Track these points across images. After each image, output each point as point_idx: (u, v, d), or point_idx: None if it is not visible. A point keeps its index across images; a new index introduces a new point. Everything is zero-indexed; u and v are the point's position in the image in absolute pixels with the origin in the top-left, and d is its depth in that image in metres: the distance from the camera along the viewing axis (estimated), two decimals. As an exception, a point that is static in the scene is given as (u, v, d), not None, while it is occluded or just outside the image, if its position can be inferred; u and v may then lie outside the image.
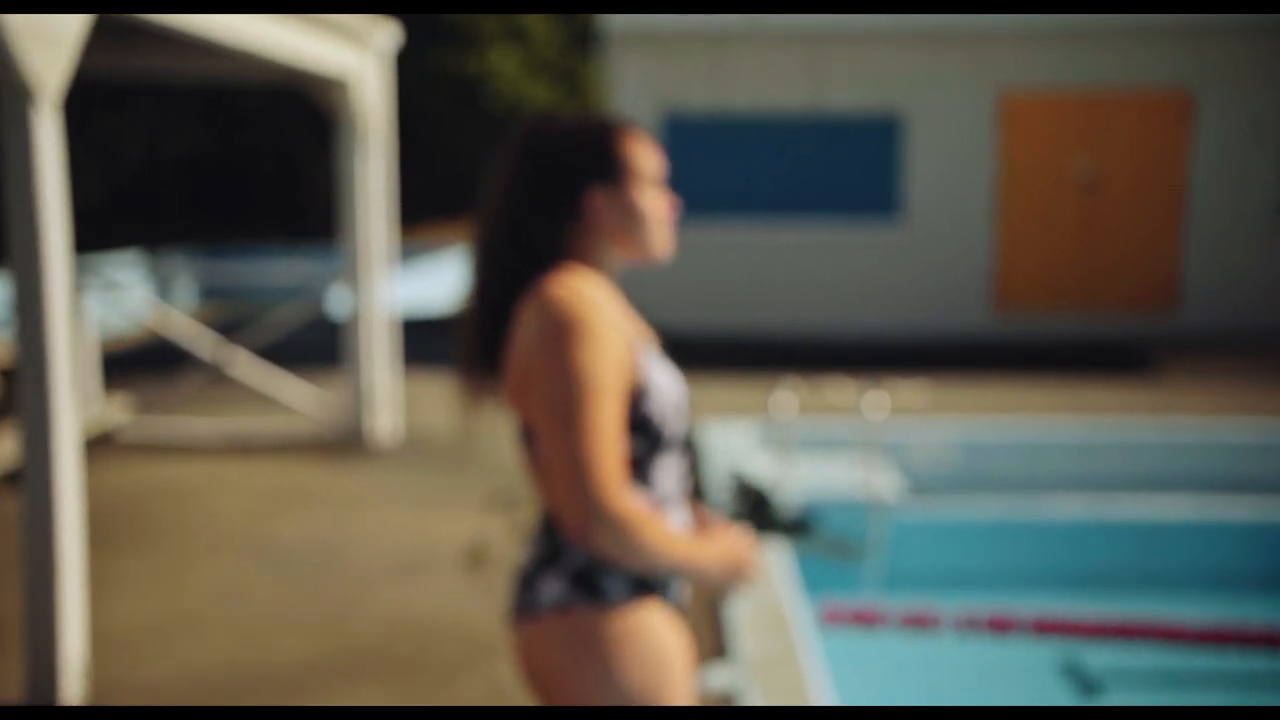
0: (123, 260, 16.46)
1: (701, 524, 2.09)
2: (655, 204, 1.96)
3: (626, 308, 2.06)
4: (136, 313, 9.06)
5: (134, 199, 27.51)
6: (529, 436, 1.92)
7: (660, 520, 1.82)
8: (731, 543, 1.98)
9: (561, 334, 1.80)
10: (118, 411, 7.72)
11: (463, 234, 1.85)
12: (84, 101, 24.78)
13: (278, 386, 7.82)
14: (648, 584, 1.89)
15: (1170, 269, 11.75)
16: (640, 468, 1.89)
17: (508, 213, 1.94)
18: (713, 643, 4.15)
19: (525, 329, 1.85)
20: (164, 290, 16.66)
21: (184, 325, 8.29)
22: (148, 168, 27.89)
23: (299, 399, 7.73)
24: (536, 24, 19.86)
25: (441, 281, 15.11)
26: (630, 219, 1.95)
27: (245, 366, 7.87)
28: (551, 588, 1.87)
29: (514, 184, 1.95)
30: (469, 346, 2.00)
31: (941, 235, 11.82)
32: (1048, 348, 11.32)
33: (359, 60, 7.17)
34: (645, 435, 1.87)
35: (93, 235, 23.06)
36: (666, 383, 1.90)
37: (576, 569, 1.86)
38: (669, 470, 1.93)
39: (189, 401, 8.34)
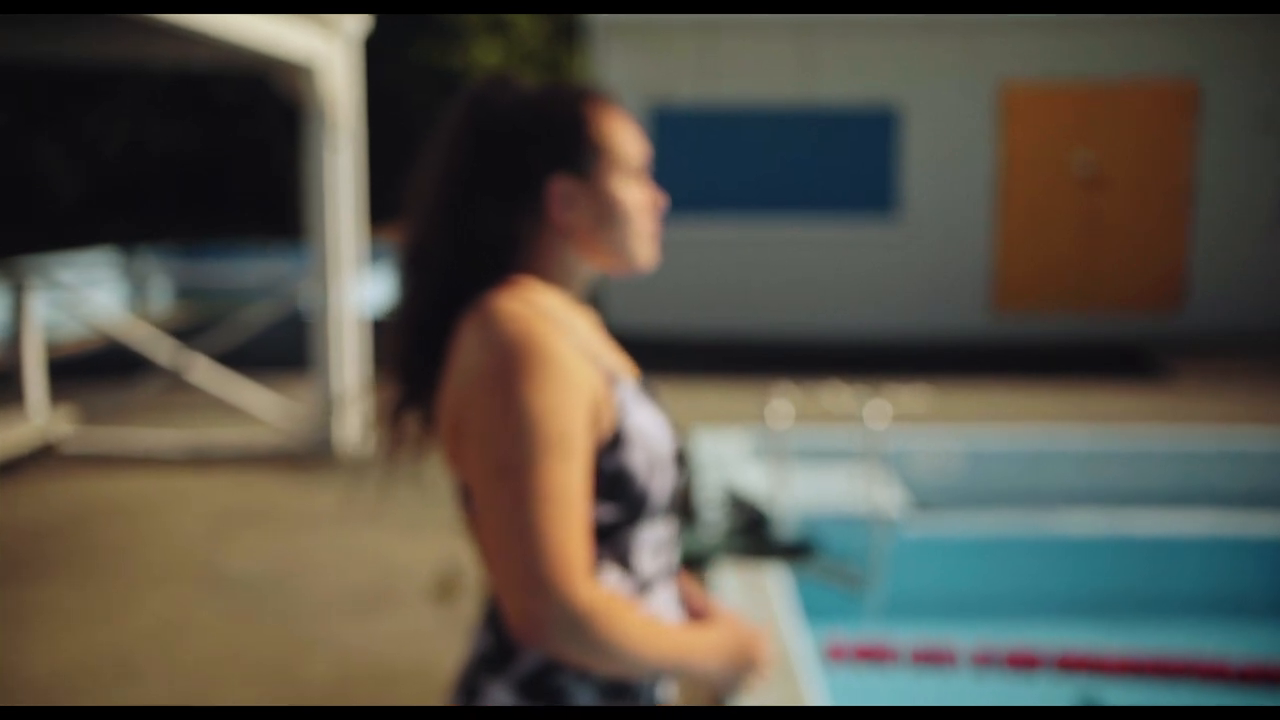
0: (97, 259, 15.97)
1: (695, 607, 1.65)
2: (635, 198, 1.52)
3: (598, 328, 1.62)
4: (89, 315, 8.55)
5: (114, 194, 26.96)
6: (469, 496, 1.48)
7: (637, 610, 1.38)
8: (733, 629, 1.54)
9: (509, 363, 1.35)
10: (63, 421, 7.24)
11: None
12: (63, 96, 24.24)
13: (240, 393, 7.36)
14: (624, 688, 1.45)
15: (1176, 267, 11.35)
16: (613, 542, 1.44)
17: (445, 205, 1.50)
18: (706, 691, 3.71)
19: (463, 355, 1.41)
20: (139, 290, 16.21)
21: (139, 328, 7.82)
22: (129, 163, 27.35)
23: (263, 407, 7.27)
24: (520, 16, 19.41)
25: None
26: (603, 216, 1.50)
27: (205, 372, 7.40)
28: (498, 698, 1.43)
29: (454, 168, 1.50)
30: (393, 376, 1.56)
31: (939, 232, 11.41)
32: (1049, 349, 10.91)
33: (326, 45, 6.72)
34: (621, 499, 1.43)
35: (72, 231, 22.52)
36: (651, 428, 1.46)
37: (529, 673, 1.42)
38: (652, 543, 1.49)
39: (143, 410, 7.85)
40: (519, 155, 1.48)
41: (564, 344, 1.39)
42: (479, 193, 1.48)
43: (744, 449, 6.86)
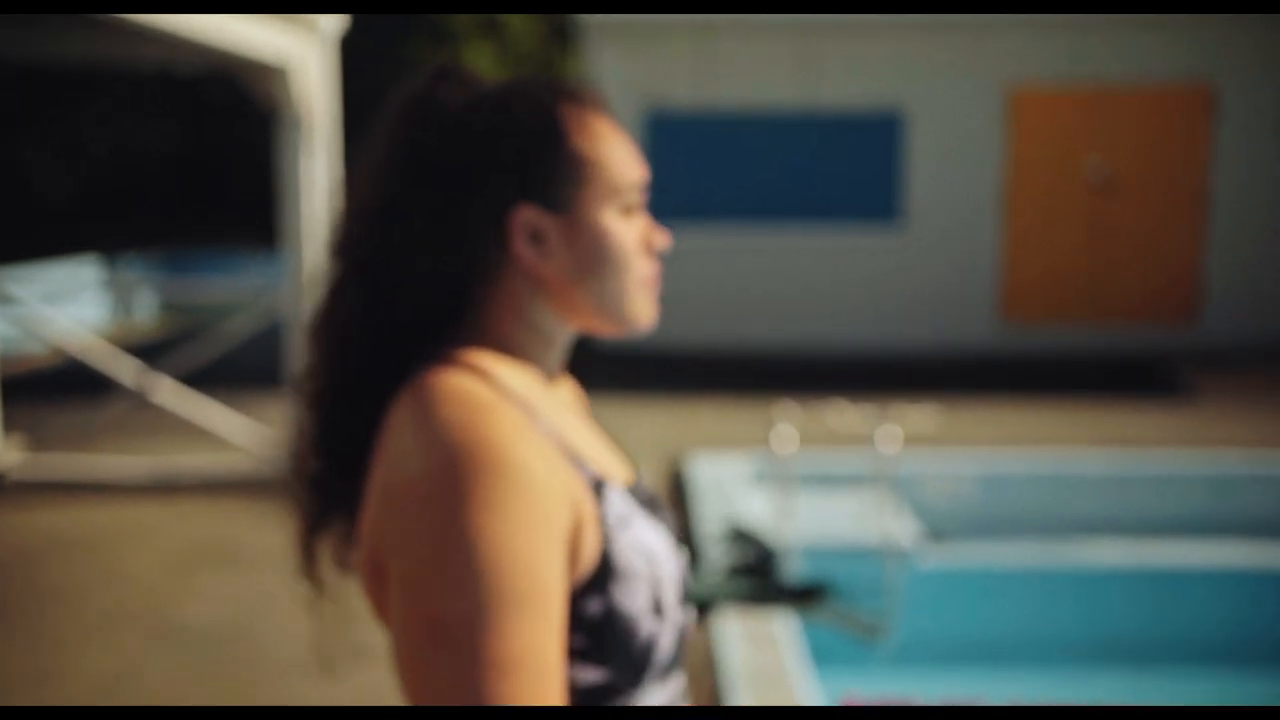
0: (80, 268, 15.55)
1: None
2: (629, 236, 1.11)
3: (581, 408, 1.21)
4: (48, 331, 8.07)
5: (102, 199, 26.53)
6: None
7: None
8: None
9: (454, 477, 0.94)
10: (14, 447, 6.77)
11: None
12: (45, 98, 23.81)
13: (210, 415, 6.92)
14: None
15: (1191, 275, 10.96)
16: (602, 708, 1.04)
17: (369, 245, 1.09)
18: None
19: (390, 458, 1.00)
20: (123, 301, 15.82)
21: (100, 345, 7.38)
22: (116, 167, 26.91)
23: (234, 429, 6.84)
24: (513, 16, 19.03)
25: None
26: (586, 261, 1.09)
27: (172, 392, 6.96)
28: None
29: (382, 195, 1.09)
30: (300, 482, 1.15)
31: (944, 241, 11.01)
32: (1060, 362, 10.51)
33: (300, 45, 6.31)
34: (616, 656, 1.02)
35: (56, 238, 22.08)
36: (654, 553, 1.05)
37: None
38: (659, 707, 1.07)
39: (104, 434, 7.34)
40: (471, 177, 1.06)
41: (533, 444, 0.98)
42: (415, 229, 1.06)
43: (744, 474, 6.45)
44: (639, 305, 1.11)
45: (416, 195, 1.06)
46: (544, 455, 0.98)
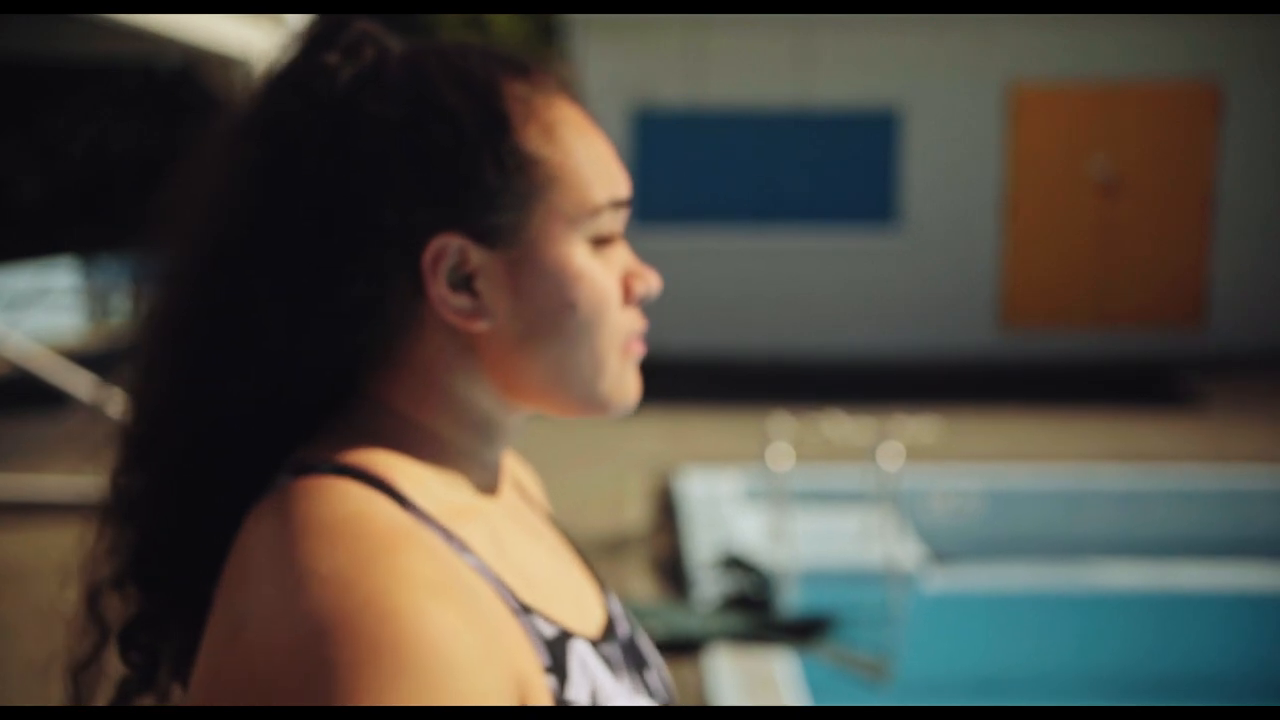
0: (55, 270, 15.17)
1: None
2: (602, 276, 0.72)
3: (532, 515, 0.83)
4: None
5: (76, 199, 26.16)
6: None
7: None
8: None
9: (321, 664, 0.56)
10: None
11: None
12: (23, 94, 23.44)
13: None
14: None
15: (1197, 280, 10.66)
16: None
17: (216, 288, 0.71)
18: None
19: (232, 607, 0.63)
20: (99, 304, 15.46)
21: (50, 355, 6.98)
22: (91, 165, 26.54)
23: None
24: (498, 15, 18.80)
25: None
26: (540, 315, 0.70)
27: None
28: None
29: (237, 211, 0.71)
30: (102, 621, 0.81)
31: (943, 243, 10.70)
32: (1063, 369, 10.19)
33: (265, 36, 5.95)
34: None
35: (32, 239, 21.73)
36: None
37: None
38: None
39: (55, 451, 6.89)
40: (367, 189, 0.68)
41: (455, 603, 0.61)
42: (278, 265, 0.68)
43: (738, 491, 6.12)
44: (616, 379, 0.74)
45: (282, 214, 0.68)
46: (473, 617, 0.60)
